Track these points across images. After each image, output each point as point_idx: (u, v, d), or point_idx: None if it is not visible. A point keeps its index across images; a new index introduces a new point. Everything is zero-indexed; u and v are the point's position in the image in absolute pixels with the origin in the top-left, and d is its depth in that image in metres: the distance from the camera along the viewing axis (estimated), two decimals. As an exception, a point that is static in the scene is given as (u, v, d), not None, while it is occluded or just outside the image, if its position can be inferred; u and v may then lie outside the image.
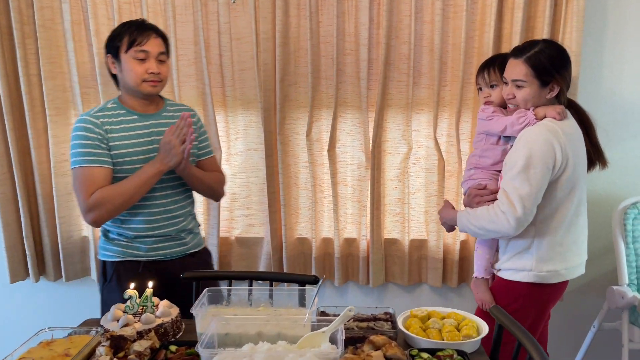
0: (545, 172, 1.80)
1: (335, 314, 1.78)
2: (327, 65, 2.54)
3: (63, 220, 2.67)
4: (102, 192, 1.92)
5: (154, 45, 1.97)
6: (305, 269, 2.75)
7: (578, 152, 1.88)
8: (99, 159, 1.94)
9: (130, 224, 2.05)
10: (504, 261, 1.98)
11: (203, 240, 2.29)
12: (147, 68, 1.96)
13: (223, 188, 2.26)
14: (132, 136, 2.01)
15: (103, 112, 2.01)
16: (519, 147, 1.83)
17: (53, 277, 2.76)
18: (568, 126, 1.86)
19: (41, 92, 2.57)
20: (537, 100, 1.89)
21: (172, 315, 1.74)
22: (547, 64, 1.84)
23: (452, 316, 1.78)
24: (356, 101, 2.56)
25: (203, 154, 2.20)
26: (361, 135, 2.58)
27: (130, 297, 1.74)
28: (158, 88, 2.03)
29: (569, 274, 1.94)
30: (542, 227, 1.89)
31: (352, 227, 2.70)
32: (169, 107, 2.14)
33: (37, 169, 2.63)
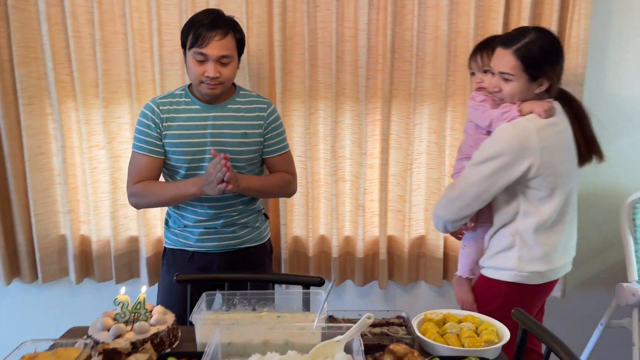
0: (500, 171, 1.75)
1: (345, 319, 1.69)
2: (324, 53, 2.42)
3: (40, 218, 2.51)
4: (144, 186, 2.00)
5: (214, 48, 1.89)
6: (300, 269, 2.65)
7: (561, 150, 1.80)
8: (147, 148, 2.00)
9: (183, 212, 2.08)
10: (487, 258, 1.92)
11: (265, 235, 2.22)
12: (204, 70, 1.91)
13: (290, 188, 2.17)
14: (188, 127, 1.99)
15: (168, 99, 2.04)
16: (489, 141, 1.79)
17: (29, 278, 2.59)
18: (552, 124, 1.77)
19: (13, 79, 2.40)
20: (525, 95, 1.81)
21: (168, 323, 1.62)
22: (538, 57, 1.75)
23: (469, 319, 1.70)
24: (354, 92, 2.45)
25: (270, 152, 2.11)
26: (357, 128, 2.48)
27: (121, 303, 1.61)
28: (217, 90, 1.96)
29: (553, 274, 1.89)
30: (524, 226, 1.83)
31: (350, 224, 2.61)
32: (238, 99, 2.06)
33: (10, 162, 2.45)
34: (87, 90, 2.43)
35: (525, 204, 1.82)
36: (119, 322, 1.60)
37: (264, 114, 2.06)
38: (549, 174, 1.76)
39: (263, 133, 2.06)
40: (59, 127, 2.45)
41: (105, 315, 1.62)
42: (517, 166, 1.75)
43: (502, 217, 1.86)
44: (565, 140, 1.81)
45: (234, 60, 1.95)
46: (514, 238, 1.84)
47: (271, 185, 2.10)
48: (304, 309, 1.76)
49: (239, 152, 2.01)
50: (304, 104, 2.44)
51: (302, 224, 2.58)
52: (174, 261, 2.13)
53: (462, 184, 1.84)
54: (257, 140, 2.05)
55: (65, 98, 2.46)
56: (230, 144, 1.99)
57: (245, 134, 2.01)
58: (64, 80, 2.44)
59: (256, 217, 2.17)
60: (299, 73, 2.43)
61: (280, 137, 2.12)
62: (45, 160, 2.50)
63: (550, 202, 1.80)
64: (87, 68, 2.41)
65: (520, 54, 1.75)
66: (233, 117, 2.02)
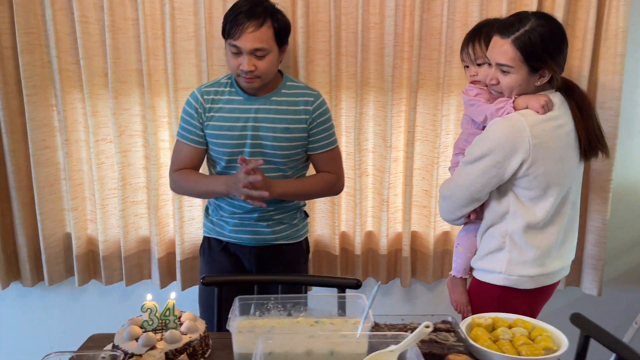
0: (491, 170, 1.69)
1: (387, 324, 1.61)
2: (348, 41, 2.32)
3: (45, 216, 2.40)
4: (182, 175, 2.02)
5: (247, 41, 1.82)
6: (321, 268, 2.56)
7: (557, 147, 1.70)
8: (188, 137, 2.00)
9: (221, 202, 2.07)
10: (477, 259, 1.86)
11: (303, 234, 2.17)
12: (239, 63, 1.85)
13: (334, 189, 2.12)
14: (229, 118, 1.96)
15: (213, 88, 2.01)
16: (481, 138, 1.73)
17: (30, 281, 2.48)
18: (549, 119, 1.68)
19: (17, 67, 2.27)
20: (525, 88, 1.72)
21: (200, 331, 1.52)
22: (539, 47, 1.65)
23: (520, 324, 1.62)
24: (379, 81, 2.36)
25: (315, 148, 2.03)
26: (382, 120, 2.39)
27: (149, 309, 1.52)
28: (255, 84, 1.90)
29: (546, 279, 1.80)
30: (514, 227, 1.75)
31: (372, 220, 2.52)
32: (284, 91, 1.98)
33: (11, 157, 2.33)
34: (95, 80, 2.31)
35: (516, 203, 1.74)
36: (146, 330, 1.51)
37: (310, 108, 1.98)
38: (540, 174, 1.68)
39: (307, 128, 1.98)
40: (63, 119, 2.33)
41: (131, 323, 1.52)
42: (509, 164, 1.67)
43: (492, 216, 1.79)
44: (563, 137, 1.71)
45: (272, 52, 1.87)
46: (504, 239, 1.77)
47: (311, 189, 2.06)
48: (340, 312, 1.67)
49: (280, 147, 1.95)
50: (328, 95, 2.34)
51: (325, 220, 2.49)
52: (210, 251, 2.13)
53: (454, 184, 1.80)
54: (301, 136, 1.98)
55: (71, 88, 2.34)
56: (270, 139, 1.94)
57: (287, 129, 1.94)
58: (69, 70, 2.32)
59: (294, 214, 2.12)
60: (322, 62, 2.33)
61: (327, 133, 2.03)
62: (50, 154, 2.38)
63: (542, 203, 1.72)
64: (94, 56, 2.29)
65: (520, 44, 1.65)
66: (276, 110, 1.95)
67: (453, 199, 1.79)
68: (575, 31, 2.27)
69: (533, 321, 1.62)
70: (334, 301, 1.71)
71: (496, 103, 1.75)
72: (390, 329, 1.58)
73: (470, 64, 1.89)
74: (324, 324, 1.59)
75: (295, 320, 1.61)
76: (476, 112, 1.83)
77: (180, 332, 1.49)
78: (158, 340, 1.46)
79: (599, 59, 2.28)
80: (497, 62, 1.70)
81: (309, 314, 1.63)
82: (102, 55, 2.29)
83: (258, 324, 1.58)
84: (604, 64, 2.26)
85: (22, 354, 2.63)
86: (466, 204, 1.77)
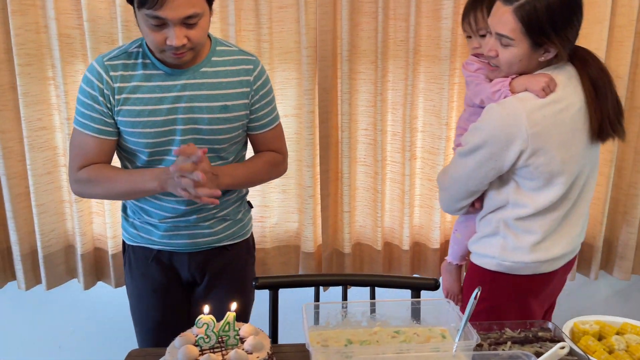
0: (487, 163, 1.61)
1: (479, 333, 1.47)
2: (397, 2, 2.15)
3: (43, 209, 2.20)
4: (92, 172, 1.66)
5: (174, 9, 1.45)
6: (363, 265, 2.44)
7: (561, 132, 1.58)
8: (92, 125, 1.63)
9: (144, 204, 1.75)
10: (473, 242, 1.81)
11: (248, 230, 1.90)
12: (165, 37, 1.50)
13: (279, 169, 1.86)
14: (149, 100, 1.61)
15: (120, 60, 1.62)
16: (475, 127, 1.64)
17: (25, 284, 2.28)
18: (551, 102, 1.56)
19: (7, 32, 2.06)
20: (526, 64, 1.60)
21: (267, 348, 1.36)
22: (545, 19, 1.51)
23: (629, 328, 1.52)
24: (432, 49, 2.20)
25: (259, 127, 1.76)
26: (436, 94, 2.23)
27: (206, 324, 1.35)
28: (186, 57, 1.56)
29: (543, 267, 1.71)
30: (513, 215, 1.67)
31: (420, 210, 2.39)
32: (215, 58, 1.66)
33: (1, 140, 2.12)
34: (101, 48, 2.09)
35: (517, 193, 1.65)
36: (202, 349, 1.35)
37: (250, 78, 1.68)
38: (541, 164, 1.57)
39: (249, 104, 1.70)
40: (62, 94, 2.12)
41: (184, 342, 1.35)
42: (506, 156, 1.57)
43: (491, 204, 1.71)
44: (567, 121, 1.59)
45: (205, 14, 1.53)
46: (499, 225, 1.71)
47: (260, 174, 1.79)
48: (413, 319, 1.54)
49: (219, 130, 1.66)
50: (373, 64, 2.17)
51: (368, 210, 2.35)
52: (136, 262, 1.82)
53: (451, 176, 1.74)
54: (242, 114, 1.69)
55: (72, 58, 2.13)
56: (205, 121, 1.64)
57: (225, 107, 1.65)
58: (69, 35, 2.11)
59: (238, 207, 1.84)
60: (368, 27, 2.16)
61: (270, 107, 1.76)
62: (47, 136, 2.18)
63: (547, 191, 1.62)
64: (99, 18, 2.08)
65: (522, 14, 1.52)
66: (209, 84, 1.64)
67: (451, 192, 1.75)
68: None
69: (642, 325, 1.53)
70: (406, 306, 1.58)
71: (492, 85, 1.66)
72: (483, 339, 1.45)
73: (473, 34, 1.80)
74: (406, 334, 1.46)
75: (372, 330, 1.47)
76: (474, 90, 1.74)
77: (244, 350, 1.33)
78: (220, 361, 1.30)
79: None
80: (496, 32, 1.58)
81: (385, 322, 1.49)
82: (110, 19, 2.09)
83: (331, 335, 1.44)
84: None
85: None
86: (465, 197, 1.72)
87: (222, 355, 1.32)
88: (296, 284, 1.75)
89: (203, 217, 1.75)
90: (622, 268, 2.44)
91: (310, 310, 1.47)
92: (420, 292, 1.71)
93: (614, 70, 2.19)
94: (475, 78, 1.75)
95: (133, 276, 1.84)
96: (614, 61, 2.22)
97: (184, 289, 1.85)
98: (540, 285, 1.76)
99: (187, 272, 1.82)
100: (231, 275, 1.86)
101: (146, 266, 1.80)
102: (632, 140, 2.30)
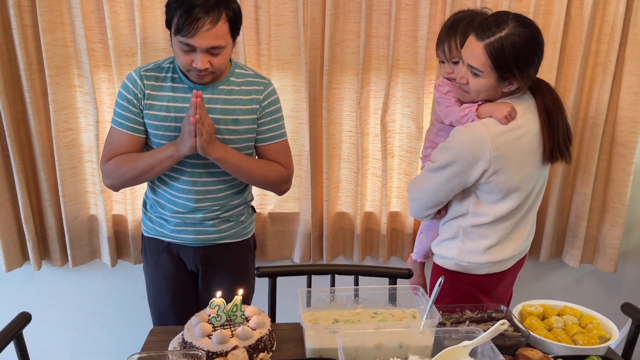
0: (454, 178, 1.71)
1: (442, 313, 1.64)
2: (379, 22, 2.28)
3: (68, 199, 2.34)
4: (117, 161, 1.80)
5: (203, 39, 1.62)
6: (345, 247, 2.59)
7: (520, 156, 1.69)
8: (126, 124, 1.80)
9: (161, 198, 1.89)
10: (435, 244, 1.91)
11: (250, 231, 2.03)
12: (192, 60, 1.67)
13: (281, 181, 1.92)
14: (172, 108, 1.78)
15: (152, 72, 1.80)
16: (445, 147, 1.71)
17: (60, 261, 2.44)
18: (511, 128, 1.66)
19: (38, 47, 2.17)
20: (492, 93, 1.69)
21: (268, 325, 1.53)
22: (510, 57, 1.59)
23: (569, 311, 1.68)
24: (410, 63, 2.33)
25: (263, 139, 1.88)
26: (413, 102, 2.38)
27: (218, 306, 1.51)
28: (207, 79, 1.74)
29: (495, 267, 1.83)
30: (471, 222, 1.78)
31: (397, 200, 2.54)
32: (232, 79, 1.81)
33: (37, 139, 2.26)
34: (123, 60, 2.23)
35: (477, 204, 1.76)
36: (214, 326, 1.51)
37: (260, 97, 1.83)
38: (501, 181, 1.69)
39: (256, 119, 1.84)
40: (92, 100, 2.25)
41: (200, 320, 1.51)
42: (471, 173, 1.68)
43: (453, 212, 1.83)
44: (525, 145, 1.69)
45: (227, 47, 1.70)
46: (458, 230, 1.81)
47: (256, 170, 1.85)
48: (390, 303, 1.70)
49: (229, 140, 1.80)
50: (356, 77, 2.31)
51: (350, 200, 2.51)
52: (151, 251, 1.97)
53: (421, 187, 1.81)
54: (250, 128, 1.83)
55: (96, 68, 2.25)
56: (219, 132, 1.77)
57: (236, 121, 1.80)
58: (94, 49, 2.23)
59: (241, 210, 1.97)
60: (352, 43, 2.30)
61: (276, 124, 1.89)
62: (72, 136, 2.31)
63: (503, 204, 1.74)
64: (122, 35, 2.20)
65: (492, 50, 1.59)
66: (224, 100, 1.79)
67: (421, 201, 1.82)
68: (605, 16, 2.28)
69: (580, 308, 1.69)
70: (384, 291, 1.73)
71: (461, 109, 1.74)
72: (446, 319, 1.62)
73: (446, 60, 1.83)
74: (383, 315, 1.62)
75: (355, 311, 1.64)
76: (444, 112, 1.81)
77: (249, 327, 1.50)
78: (230, 337, 1.46)
79: (626, 45, 2.30)
80: (468, 64, 1.66)
81: (366, 305, 1.66)
82: (129, 35, 2.21)
83: (321, 315, 1.60)
84: (631, 50, 2.29)
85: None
86: (432, 206, 1.82)
87: (231, 331, 1.49)
88: (292, 272, 1.90)
89: (208, 216, 1.88)
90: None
91: (303, 295, 1.63)
92: (396, 280, 1.86)
93: (564, 85, 2.35)
94: (445, 100, 1.80)
95: (148, 263, 1.99)
96: (564, 77, 2.36)
97: (190, 278, 1.98)
98: (492, 284, 1.87)
99: (192, 264, 1.95)
100: (232, 268, 1.98)
101: (158, 255, 1.95)
102: (585, 138, 2.44)
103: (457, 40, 1.77)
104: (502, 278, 1.88)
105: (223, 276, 1.96)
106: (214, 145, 1.72)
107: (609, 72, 2.30)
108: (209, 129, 1.69)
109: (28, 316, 1.59)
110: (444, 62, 1.85)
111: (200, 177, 1.82)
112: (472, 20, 1.75)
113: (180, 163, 1.78)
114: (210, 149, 1.70)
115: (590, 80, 2.38)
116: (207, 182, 1.83)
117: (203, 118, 1.65)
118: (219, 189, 1.85)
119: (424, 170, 1.80)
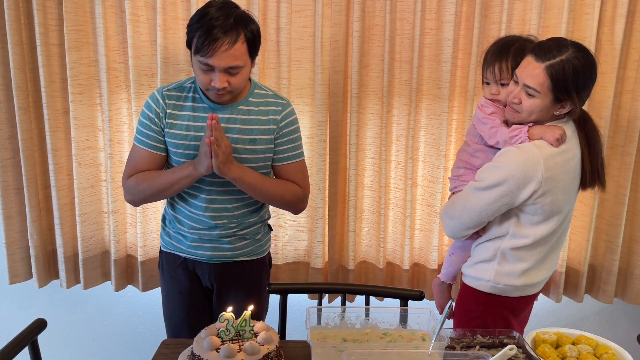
0: (503, 198, 1.86)
1: (453, 338, 1.81)
2: (402, 46, 2.52)
3: (85, 218, 2.58)
4: (137, 178, 2.01)
5: (221, 59, 1.84)
6: (366, 282, 2.76)
7: (565, 179, 1.88)
8: (147, 142, 2.01)
9: (179, 214, 2.10)
10: (468, 266, 2.06)
11: (265, 249, 2.24)
12: (211, 79, 1.89)
13: (299, 202, 2.13)
14: (192, 127, 1.99)
15: (175, 92, 2.02)
16: (494, 166, 1.88)
17: (66, 283, 2.67)
18: (561, 152, 1.85)
19: (63, 65, 2.46)
20: (544, 115, 1.87)
21: (275, 342, 1.72)
22: (570, 79, 1.80)
23: (584, 340, 1.82)
24: (434, 88, 2.55)
25: (279, 159, 2.08)
26: (435, 128, 2.58)
27: (227, 320, 1.71)
28: (225, 98, 1.96)
29: (531, 289, 2.00)
30: (509, 245, 1.94)
31: (419, 233, 2.72)
32: (251, 99, 2.03)
33: (53, 156, 2.52)
34: (142, 81, 2.49)
35: (517, 226, 1.93)
36: (223, 340, 1.70)
37: (278, 117, 2.04)
38: (547, 203, 1.86)
39: (274, 139, 2.04)
40: (107, 119, 2.51)
41: (209, 333, 1.71)
42: (520, 194, 1.84)
43: (492, 233, 1.99)
44: (570, 169, 1.89)
45: (246, 67, 1.91)
46: (496, 253, 1.97)
47: (272, 189, 2.04)
48: (401, 324, 1.87)
49: (246, 160, 2.00)
50: (379, 101, 2.53)
51: (372, 232, 2.69)
52: (167, 266, 2.18)
53: (463, 207, 1.95)
54: (267, 147, 2.03)
55: (116, 88, 2.52)
56: (236, 151, 1.97)
57: (254, 140, 2.00)
58: (116, 69, 2.50)
59: (258, 228, 2.17)
60: (376, 67, 2.52)
61: (294, 144, 2.09)
62: (92, 155, 2.57)
63: (544, 226, 1.91)
64: (143, 55, 2.47)
65: (553, 72, 1.79)
66: (242, 120, 2.00)
67: (461, 220, 1.96)
68: (631, 42, 2.48)
69: (596, 338, 1.82)
70: (395, 312, 1.90)
71: (510, 130, 1.88)
72: (457, 343, 1.78)
73: (494, 83, 1.99)
74: (392, 336, 1.79)
75: (364, 331, 1.81)
76: (488, 132, 1.95)
77: (257, 343, 1.69)
78: (237, 351, 1.65)
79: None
80: (524, 83, 1.83)
81: (376, 326, 1.82)
82: (151, 55, 2.48)
83: (330, 334, 1.77)
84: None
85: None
86: (473, 226, 1.96)
87: (239, 345, 1.67)
88: (303, 290, 2.09)
89: (225, 233, 2.09)
90: (606, 292, 2.72)
91: (313, 313, 1.78)
92: (407, 301, 2.02)
93: (598, 111, 2.53)
94: (490, 121, 1.94)
95: (164, 277, 2.20)
96: (597, 104, 2.54)
97: (205, 294, 2.20)
98: (523, 306, 2.05)
99: (207, 280, 2.16)
100: (246, 285, 2.18)
101: (174, 270, 2.16)
102: (614, 175, 2.60)
103: (508, 63, 1.95)
104: (530, 301, 2.07)
105: (237, 293, 2.14)
106: (231, 165, 1.92)
107: (638, 98, 2.48)
108: (226, 149, 1.89)
109: (44, 323, 1.82)
110: (489, 83, 2.02)
111: (217, 195, 2.03)
112: (523, 45, 1.95)
113: (199, 181, 2.00)
114: (226, 169, 1.91)
115: (618, 107, 2.57)
116: (224, 200, 2.04)
117: (219, 139, 1.86)
118: (236, 206, 2.06)
119: (467, 190, 1.95)
